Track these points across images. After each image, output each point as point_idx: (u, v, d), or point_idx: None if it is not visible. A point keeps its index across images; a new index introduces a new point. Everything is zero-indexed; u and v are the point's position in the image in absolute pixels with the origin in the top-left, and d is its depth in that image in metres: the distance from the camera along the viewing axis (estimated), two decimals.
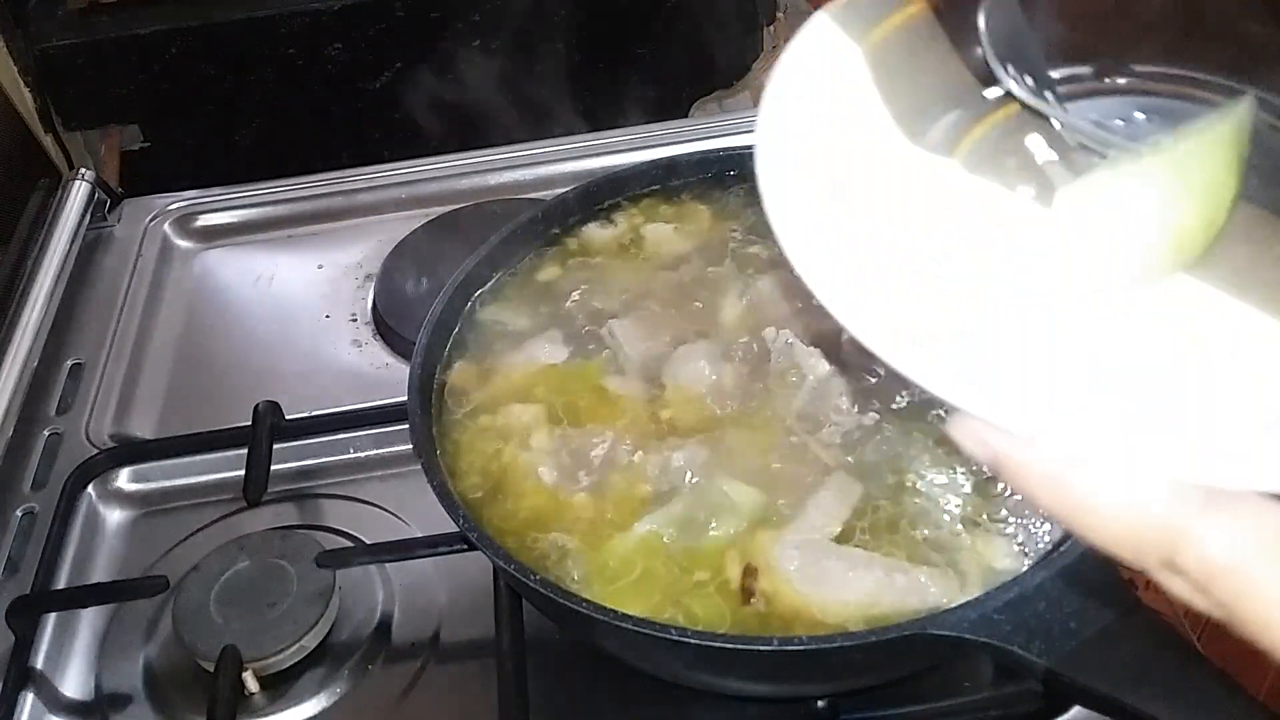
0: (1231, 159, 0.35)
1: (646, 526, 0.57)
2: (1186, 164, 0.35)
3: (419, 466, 0.58)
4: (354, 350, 0.88)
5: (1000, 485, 0.57)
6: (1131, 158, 0.36)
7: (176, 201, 1.04)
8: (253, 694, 0.65)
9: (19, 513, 0.77)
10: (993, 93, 0.39)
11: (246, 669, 0.63)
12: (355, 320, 0.91)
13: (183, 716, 0.65)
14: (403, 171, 1.04)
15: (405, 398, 0.61)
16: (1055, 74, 0.39)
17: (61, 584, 0.73)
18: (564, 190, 0.75)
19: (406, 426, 0.60)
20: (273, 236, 1.02)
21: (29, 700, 0.67)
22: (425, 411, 0.62)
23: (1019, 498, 0.56)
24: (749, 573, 0.54)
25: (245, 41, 1.13)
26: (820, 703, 0.58)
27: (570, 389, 0.64)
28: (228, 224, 1.03)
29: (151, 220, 1.03)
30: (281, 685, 0.65)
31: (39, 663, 0.68)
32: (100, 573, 0.74)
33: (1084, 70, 0.40)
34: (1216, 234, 0.35)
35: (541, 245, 0.73)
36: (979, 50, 0.39)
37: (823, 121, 0.36)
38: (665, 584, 0.55)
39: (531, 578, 0.52)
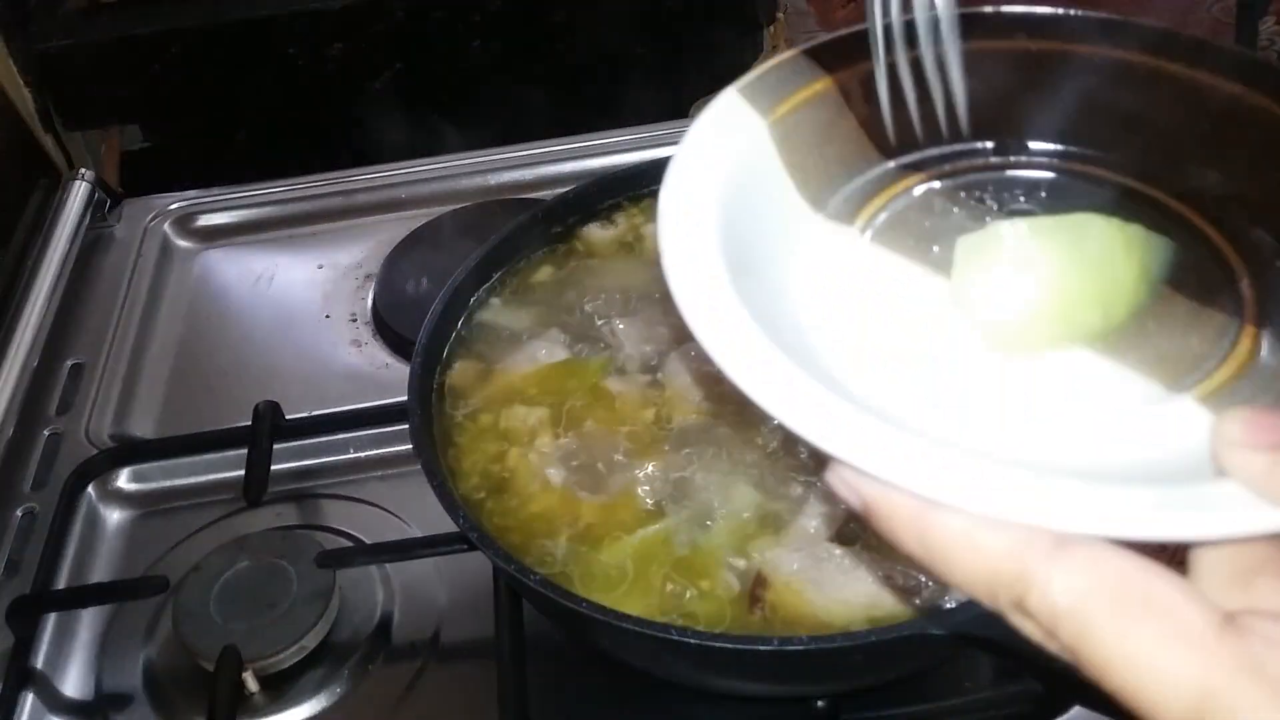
0: (1130, 242, 0.37)
1: (646, 527, 0.57)
2: (1080, 232, 0.37)
3: (419, 466, 0.58)
4: (354, 350, 0.88)
5: None
6: (1028, 219, 0.38)
7: (176, 201, 1.04)
8: (253, 694, 0.65)
9: (19, 513, 0.77)
10: (893, 164, 0.41)
11: (246, 669, 0.63)
12: (355, 320, 0.91)
13: (183, 716, 0.65)
14: (403, 171, 1.04)
15: (405, 398, 0.61)
16: (956, 149, 0.42)
17: (61, 584, 0.73)
18: (564, 190, 0.75)
19: (406, 426, 0.60)
20: (273, 236, 1.02)
21: (29, 700, 0.67)
22: (425, 411, 0.62)
23: None
24: (759, 583, 0.54)
25: (245, 41, 1.13)
26: (820, 703, 0.58)
27: (570, 389, 0.64)
28: (228, 224, 1.03)
29: (151, 220, 1.03)
30: (281, 685, 0.65)
31: (39, 663, 0.68)
32: (100, 573, 0.74)
33: (985, 146, 0.42)
34: (1121, 319, 0.36)
35: (541, 245, 0.73)
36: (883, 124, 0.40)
37: (727, 193, 0.37)
38: (665, 584, 0.55)
39: (531, 578, 0.52)
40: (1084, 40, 0.41)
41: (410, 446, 0.59)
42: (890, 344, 0.36)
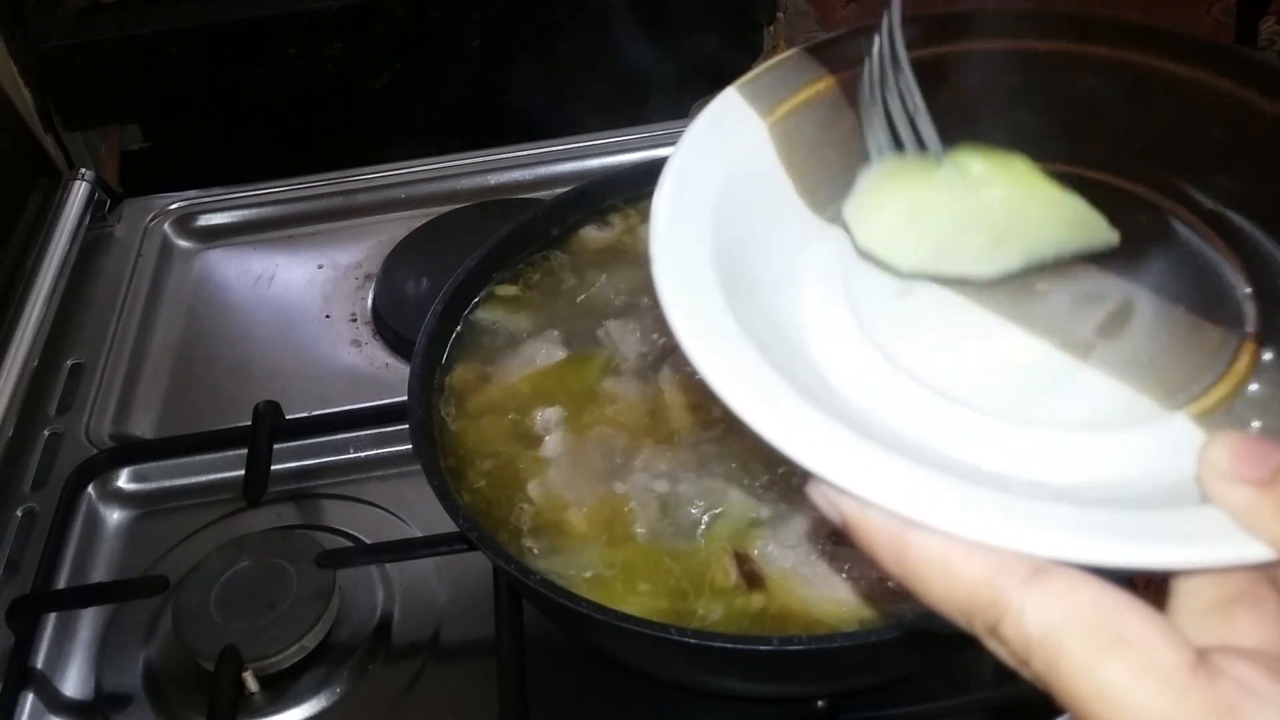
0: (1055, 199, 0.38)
1: (643, 527, 0.57)
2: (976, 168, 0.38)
3: (419, 466, 0.58)
4: (354, 350, 0.88)
5: None
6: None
7: (176, 201, 1.04)
8: (253, 694, 0.65)
9: (19, 513, 0.77)
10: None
11: (246, 669, 0.63)
12: (355, 320, 0.91)
13: (183, 716, 0.65)
14: (403, 171, 1.04)
15: (405, 398, 0.61)
16: None
17: (61, 584, 0.73)
18: (564, 190, 0.75)
19: (406, 426, 0.60)
20: (273, 236, 1.02)
21: (29, 700, 0.67)
22: (425, 411, 0.62)
23: None
24: (743, 560, 0.54)
25: (245, 41, 1.13)
26: (820, 703, 0.58)
27: (568, 390, 0.64)
28: (228, 224, 1.03)
29: (151, 220, 1.03)
30: (281, 685, 0.65)
31: (39, 663, 0.68)
32: (100, 573, 0.74)
33: None
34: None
35: (541, 245, 0.73)
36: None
37: (724, 196, 0.37)
38: (663, 584, 0.55)
39: (531, 578, 0.52)
40: (1076, 39, 0.40)
41: (410, 446, 0.59)
42: (884, 351, 0.36)
